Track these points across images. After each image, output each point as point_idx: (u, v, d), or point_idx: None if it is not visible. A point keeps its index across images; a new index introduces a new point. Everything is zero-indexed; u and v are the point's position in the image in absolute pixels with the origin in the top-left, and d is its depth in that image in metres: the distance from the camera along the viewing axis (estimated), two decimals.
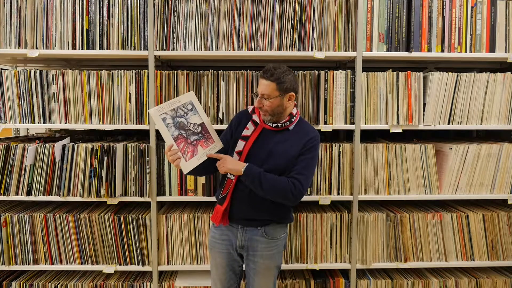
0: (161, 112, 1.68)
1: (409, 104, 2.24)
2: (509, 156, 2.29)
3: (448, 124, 2.28)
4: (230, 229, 1.81)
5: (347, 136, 2.67)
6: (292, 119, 1.78)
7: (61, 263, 2.28)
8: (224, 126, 2.17)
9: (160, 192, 2.28)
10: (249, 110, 1.87)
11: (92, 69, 2.31)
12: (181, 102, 1.77)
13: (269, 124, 1.77)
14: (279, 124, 1.77)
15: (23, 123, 2.23)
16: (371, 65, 2.54)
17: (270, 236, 1.78)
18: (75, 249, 2.26)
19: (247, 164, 1.69)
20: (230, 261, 1.83)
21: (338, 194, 2.28)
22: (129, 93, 2.22)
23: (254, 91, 1.88)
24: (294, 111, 1.80)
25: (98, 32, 2.19)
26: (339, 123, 2.25)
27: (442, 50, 2.26)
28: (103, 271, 2.30)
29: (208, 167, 1.82)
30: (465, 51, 2.26)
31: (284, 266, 2.30)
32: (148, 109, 2.19)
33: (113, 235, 2.26)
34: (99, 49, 2.20)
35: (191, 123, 1.77)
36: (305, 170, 1.71)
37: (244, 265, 1.87)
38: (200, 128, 1.80)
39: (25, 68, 2.77)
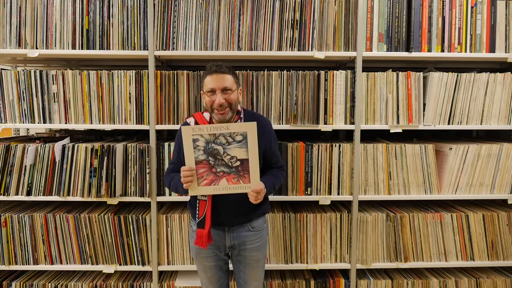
0: (195, 133, 1.54)
1: (409, 104, 2.24)
2: (509, 156, 2.29)
3: (448, 124, 2.28)
4: (216, 233, 1.77)
5: (347, 136, 2.67)
6: (240, 115, 1.73)
7: (61, 263, 2.28)
8: None
9: (160, 192, 2.28)
10: (192, 123, 1.75)
11: (92, 69, 2.31)
12: (231, 130, 1.55)
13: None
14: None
15: (23, 123, 2.23)
16: (371, 65, 2.54)
17: (256, 229, 1.79)
18: (75, 249, 2.26)
19: (262, 183, 1.65)
20: (217, 262, 1.81)
21: (338, 194, 2.28)
22: (129, 93, 2.22)
23: (204, 91, 1.66)
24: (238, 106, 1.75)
25: (98, 32, 2.19)
26: (339, 123, 2.25)
27: (442, 50, 2.26)
28: (103, 271, 2.30)
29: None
30: (465, 51, 2.26)
31: (284, 266, 2.30)
32: (148, 109, 2.20)
33: (113, 235, 2.26)
34: (99, 49, 2.20)
35: (229, 155, 1.58)
36: (279, 154, 1.88)
37: (232, 262, 1.87)
38: (238, 163, 1.59)
39: (25, 68, 2.77)
